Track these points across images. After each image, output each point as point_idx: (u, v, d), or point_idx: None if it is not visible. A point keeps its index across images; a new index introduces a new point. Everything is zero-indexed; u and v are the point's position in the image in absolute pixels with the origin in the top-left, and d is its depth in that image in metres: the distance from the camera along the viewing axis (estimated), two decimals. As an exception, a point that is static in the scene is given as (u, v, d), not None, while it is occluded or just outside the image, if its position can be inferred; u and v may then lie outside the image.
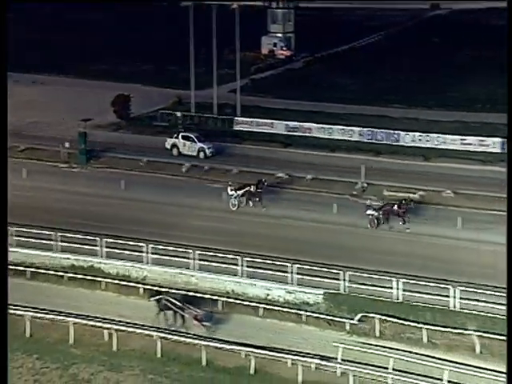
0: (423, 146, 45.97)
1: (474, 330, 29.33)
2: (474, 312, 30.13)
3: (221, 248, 33.79)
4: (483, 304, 30.07)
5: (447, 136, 45.86)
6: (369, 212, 37.95)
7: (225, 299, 31.27)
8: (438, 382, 27.43)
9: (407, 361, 28.03)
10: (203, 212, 39.31)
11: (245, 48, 58.06)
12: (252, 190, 40.08)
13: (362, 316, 30.43)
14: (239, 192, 40.22)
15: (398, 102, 51.80)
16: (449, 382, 27.48)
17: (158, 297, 30.05)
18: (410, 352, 28.67)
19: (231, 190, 40.54)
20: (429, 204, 39.44)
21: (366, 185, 41.80)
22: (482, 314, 29.95)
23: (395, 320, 29.98)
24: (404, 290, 31.10)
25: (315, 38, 74.41)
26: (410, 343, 29.52)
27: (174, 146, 47.94)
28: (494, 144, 44.97)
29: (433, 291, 30.86)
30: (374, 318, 30.23)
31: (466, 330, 29.41)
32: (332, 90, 60.53)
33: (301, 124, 50.87)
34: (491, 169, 42.71)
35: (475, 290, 30.54)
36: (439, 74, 59.05)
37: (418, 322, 29.99)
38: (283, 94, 60.02)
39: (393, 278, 31.47)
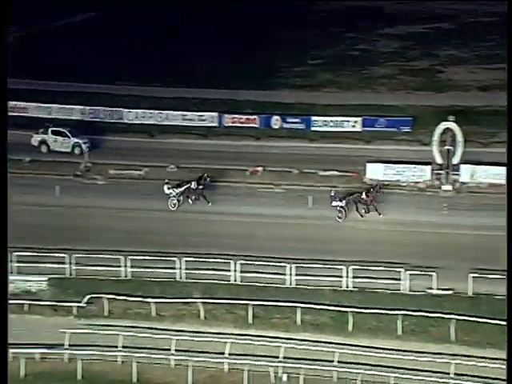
0: (147, 122, 45.69)
1: (199, 298, 30.90)
2: (199, 281, 31.54)
3: None
4: (209, 272, 31.49)
5: (169, 112, 45.95)
6: (334, 203, 36.32)
7: None
8: (167, 351, 28.82)
9: (135, 336, 28.96)
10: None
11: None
12: (193, 186, 37.21)
13: (90, 298, 30.75)
14: (179, 190, 37.20)
15: (124, 79, 49.75)
16: (176, 350, 28.86)
17: None
18: (137, 327, 29.64)
19: (168, 188, 37.27)
20: (153, 180, 38.99)
21: (90, 164, 41.15)
22: (206, 281, 31.44)
23: (123, 298, 30.55)
24: (131, 267, 31.31)
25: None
26: (139, 318, 30.41)
27: (42, 142, 42.59)
28: (212, 119, 45.80)
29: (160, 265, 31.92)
30: (102, 298, 30.73)
31: (191, 298, 30.82)
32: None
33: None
34: (214, 142, 43.57)
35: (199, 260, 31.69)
36: (168, 51, 56.54)
37: (146, 297, 30.89)
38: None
39: (120, 257, 31.88)
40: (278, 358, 29.17)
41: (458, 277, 30.98)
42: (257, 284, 31.75)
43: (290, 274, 31.77)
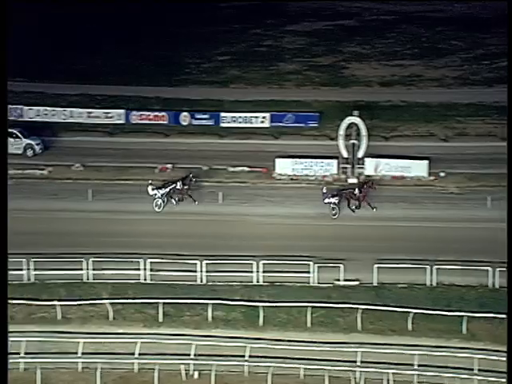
0: (50, 120, 43.99)
1: (107, 298, 30.64)
2: (107, 281, 31.20)
3: None
4: (118, 272, 31.11)
5: (74, 109, 44.85)
6: (327, 200, 35.82)
7: None
8: (74, 355, 28.39)
9: (40, 341, 28.41)
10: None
11: None
12: (178, 187, 36.35)
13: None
14: (164, 190, 36.13)
15: (25, 75, 47.71)
16: (83, 353, 28.51)
17: None
18: (42, 331, 28.97)
19: (152, 189, 36.14)
20: (59, 179, 38.50)
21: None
22: (114, 281, 31.09)
23: (26, 302, 30.01)
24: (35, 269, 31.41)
25: None
26: (43, 323, 29.88)
27: None
28: (119, 116, 44.86)
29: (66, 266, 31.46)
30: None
31: (100, 299, 30.57)
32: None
33: None
34: (122, 140, 42.70)
35: (108, 260, 31.62)
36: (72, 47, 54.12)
37: (51, 300, 30.41)
38: None
39: (23, 259, 31.25)
40: (189, 355, 29.15)
41: (364, 268, 31.67)
42: (167, 282, 31.61)
43: (201, 271, 31.76)
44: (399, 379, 29.08)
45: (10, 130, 41.24)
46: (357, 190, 36.57)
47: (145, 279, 31.85)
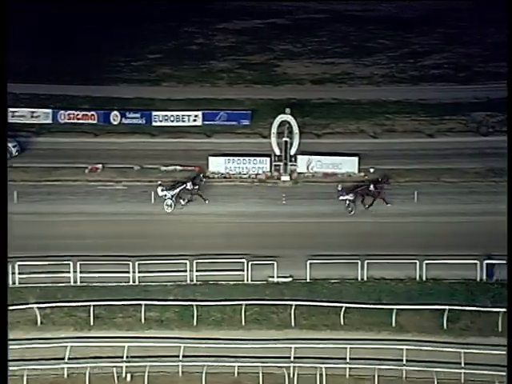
0: None
1: (34, 303, 29.97)
2: (35, 285, 30.52)
3: None
4: (46, 275, 30.74)
5: None
6: (342, 198, 35.39)
7: None
8: None
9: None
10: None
11: None
12: (189, 187, 35.95)
13: None
14: (174, 191, 35.66)
15: None
16: (10, 360, 26.06)
17: None
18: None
19: (162, 190, 35.73)
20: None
21: None
22: (42, 285, 30.51)
23: None
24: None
25: None
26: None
27: None
28: (46, 115, 43.51)
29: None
30: None
31: (27, 304, 29.86)
32: None
33: None
34: (49, 140, 41.54)
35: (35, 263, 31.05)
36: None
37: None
38: None
39: None
40: (121, 358, 28.79)
41: (297, 264, 31.84)
42: (99, 284, 31.18)
43: (134, 272, 31.48)
44: (332, 373, 29.16)
45: None
46: (372, 186, 36.52)
47: (75, 282, 31.31)
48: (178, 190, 37.05)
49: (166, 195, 36.83)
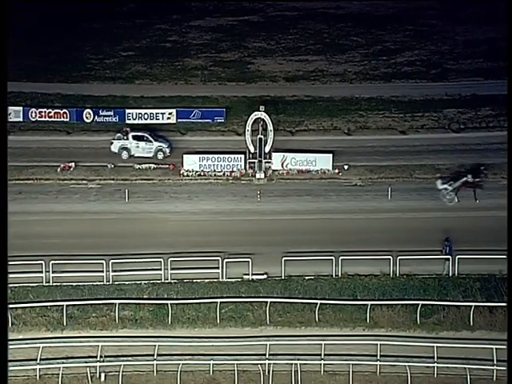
0: None
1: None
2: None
3: None
4: (17, 275, 29.78)
5: None
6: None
7: None
8: None
9: None
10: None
11: None
12: (469, 180, 35.38)
13: None
14: (455, 184, 34.98)
15: None
16: None
17: None
18: None
19: (442, 183, 36.38)
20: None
21: None
22: (13, 285, 29.77)
23: None
24: None
25: None
26: None
27: (123, 148, 38.97)
28: (16, 113, 42.80)
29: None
30: None
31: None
32: None
33: None
34: (20, 138, 40.68)
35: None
36: None
37: None
38: None
39: None
40: (95, 357, 28.70)
41: (272, 261, 31.75)
42: (72, 283, 30.91)
43: (107, 271, 31.35)
44: (307, 369, 29.32)
45: (139, 134, 40.11)
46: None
47: (47, 281, 31.07)
48: (459, 182, 36.20)
49: (446, 189, 36.27)
